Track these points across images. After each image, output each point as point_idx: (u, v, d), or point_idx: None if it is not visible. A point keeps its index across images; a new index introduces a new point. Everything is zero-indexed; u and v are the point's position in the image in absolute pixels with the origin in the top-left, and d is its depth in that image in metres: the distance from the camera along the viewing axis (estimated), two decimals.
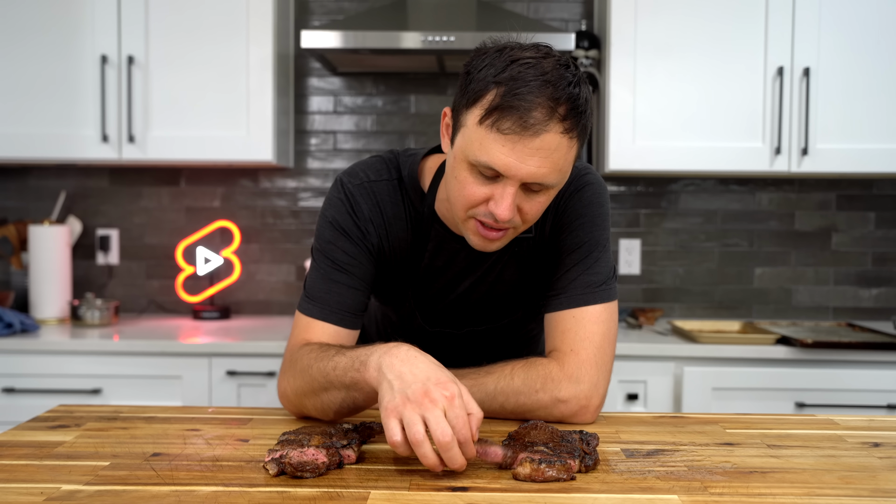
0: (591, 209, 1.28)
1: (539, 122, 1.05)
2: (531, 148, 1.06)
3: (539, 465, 0.92)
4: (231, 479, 0.93)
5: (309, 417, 1.21)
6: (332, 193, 1.30)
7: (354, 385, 1.07)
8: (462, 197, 1.13)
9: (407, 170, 1.30)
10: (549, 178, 1.09)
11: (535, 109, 1.05)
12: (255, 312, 2.98)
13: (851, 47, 2.55)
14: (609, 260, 1.28)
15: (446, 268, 1.31)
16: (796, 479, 0.95)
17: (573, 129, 1.08)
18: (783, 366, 2.35)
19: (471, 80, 1.10)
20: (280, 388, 1.23)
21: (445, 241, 1.29)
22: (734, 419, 1.24)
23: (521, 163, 1.06)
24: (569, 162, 1.11)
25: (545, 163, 1.07)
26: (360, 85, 2.97)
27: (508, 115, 1.05)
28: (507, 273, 1.32)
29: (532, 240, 1.31)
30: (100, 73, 2.59)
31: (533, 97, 1.05)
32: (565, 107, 1.06)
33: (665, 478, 0.95)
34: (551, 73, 1.07)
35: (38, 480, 0.92)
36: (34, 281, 2.71)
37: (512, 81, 1.06)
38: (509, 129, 1.05)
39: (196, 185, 2.97)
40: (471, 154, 1.09)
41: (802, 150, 2.56)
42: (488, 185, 1.10)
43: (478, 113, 1.08)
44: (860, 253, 2.94)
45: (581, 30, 2.86)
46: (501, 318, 1.37)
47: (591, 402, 1.20)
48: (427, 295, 1.33)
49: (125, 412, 1.24)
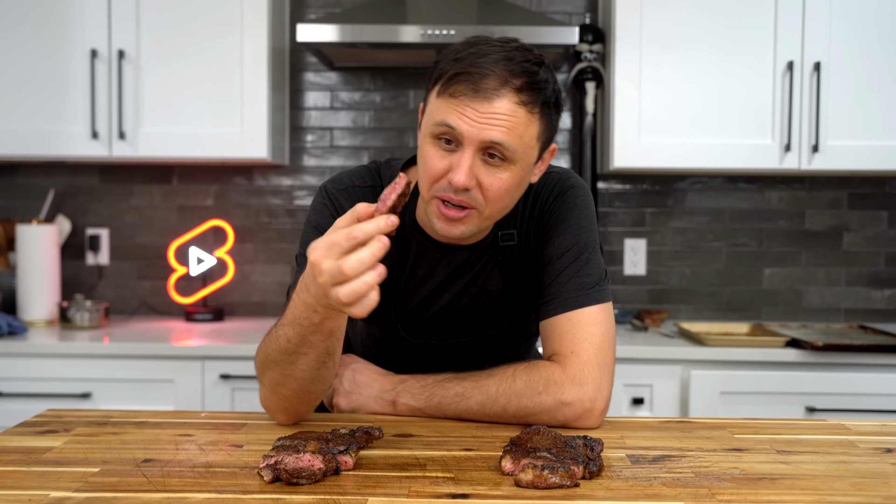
0: (576, 211, 1.30)
1: (491, 89, 1.11)
2: (483, 112, 1.12)
3: (542, 471, 0.92)
4: (225, 485, 0.93)
5: (301, 422, 1.21)
6: (317, 199, 1.33)
7: (307, 328, 1.06)
8: (425, 172, 1.18)
9: (387, 178, 1.33)
10: (506, 141, 1.12)
11: (488, 77, 1.12)
12: (250, 314, 2.98)
13: (863, 41, 2.55)
14: (600, 261, 1.29)
15: (427, 277, 1.32)
16: (807, 486, 0.95)
17: (531, 102, 1.14)
18: (793, 369, 2.35)
19: (435, 67, 1.18)
20: (262, 397, 1.22)
21: (427, 250, 1.31)
22: (743, 424, 1.24)
23: (474, 122, 1.12)
24: (531, 136, 1.15)
25: (499, 126, 1.12)
26: (358, 80, 2.97)
27: (462, 80, 1.12)
28: (491, 283, 1.33)
29: (515, 248, 1.32)
30: (89, 67, 2.59)
31: (487, 67, 1.12)
32: (521, 79, 1.13)
33: (671, 484, 0.95)
34: (511, 52, 1.14)
35: (25, 487, 0.92)
36: (22, 282, 2.71)
37: (470, 56, 1.13)
38: (461, 92, 1.12)
39: (189, 183, 2.97)
40: (430, 122, 1.15)
41: (813, 146, 2.56)
42: (448, 156, 1.15)
43: (437, 88, 1.16)
44: (872, 253, 2.94)
45: (585, 23, 2.86)
46: (487, 330, 1.37)
47: (596, 405, 1.20)
48: (409, 306, 1.34)
49: (115, 417, 1.24)
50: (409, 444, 1.10)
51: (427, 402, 1.24)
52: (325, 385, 1.17)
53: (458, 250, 1.31)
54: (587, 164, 2.82)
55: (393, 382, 1.28)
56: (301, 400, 1.17)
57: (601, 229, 2.94)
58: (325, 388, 1.17)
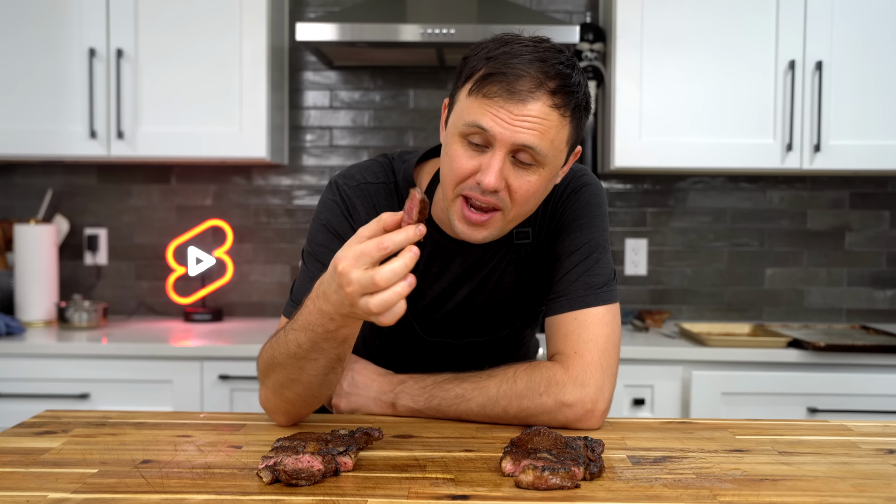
0: (590, 210, 1.29)
1: (526, 90, 1.09)
2: (517, 114, 1.09)
3: (542, 472, 0.92)
4: (223, 487, 0.93)
5: (300, 422, 1.21)
6: (327, 195, 1.31)
7: (321, 335, 1.06)
8: (451, 171, 1.15)
9: (402, 174, 1.31)
10: (538, 145, 1.11)
11: (523, 79, 1.09)
12: (249, 314, 2.98)
13: (866, 40, 2.55)
14: (609, 261, 1.29)
15: (441, 274, 1.31)
16: (808, 487, 0.95)
17: (564, 105, 1.12)
18: (795, 370, 2.35)
19: (465, 64, 1.15)
20: (262, 398, 1.21)
21: (441, 247, 1.29)
22: (744, 425, 1.24)
23: (508, 125, 1.10)
24: (561, 139, 1.14)
25: (532, 129, 1.10)
26: (357, 79, 2.97)
27: (496, 80, 1.10)
28: (506, 281, 1.33)
29: (530, 246, 1.31)
30: (88, 67, 2.59)
31: (522, 68, 1.09)
32: (555, 82, 1.10)
33: (673, 486, 0.95)
34: (544, 53, 1.11)
35: (23, 488, 0.92)
36: (20, 282, 2.71)
37: (503, 56, 1.11)
38: (496, 93, 1.10)
39: (187, 182, 2.97)
40: (460, 122, 1.13)
41: (815, 146, 2.56)
42: (477, 156, 1.13)
43: (468, 87, 1.13)
44: (875, 253, 2.94)
45: (586, 22, 2.86)
46: (502, 329, 1.37)
47: (597, 406, 1.20)
48: (424, 302, 1.33)
49: (114, 418, 1.24)
50: (408, 445, 1.10)
51: (427, 403, 1.24)
52: (331, 389, 1.17)
53: (473, 247, 1.29)
54: (588, 163, 2.82)
55: (392, 383, 1.28)
56: (305, 403, 1.17)
57: None
58: (330, 392, 1.17)
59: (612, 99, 2.64)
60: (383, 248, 0.94)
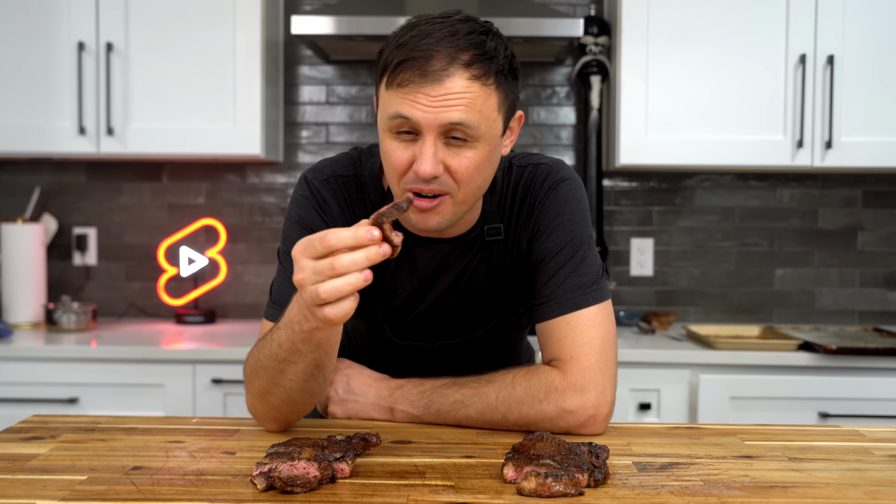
0: (569, 206, 1.29)
1: (439, 69, 1.10)
2: (435, 95, 1.10)
3: (545, 479, 0.92)
4: (217, 494, 0.93)
5: (295, 428, 1.21)
6: (298, 191, 1.32)
7: (297, 334, 1.07)
8: (391, 167, 1.17)
9: (368, 168, 1.32)
10: (466, 119, 1.11)
11: (434, 58, 1.10)
12: (242, 316, 2.98)
13: (879, 33, 2.56)
14: (596, 257, 1.28)
15: (412, 272, 1.32)
16: (819, 495, 0.95)
17: (484, 75, 1.12)
18: (805, 373, 2.35)
19: (380, 57, 1.17)
20: (249, 405, 1.22)
21: (409, 243, 1.30)
22: (753, 430, 1.24)
23: (429, 108, 1.10)
24: (490, 109, 1.14)
25: (456, 106, 1.11)
26: (355, 74, 2.97)
27: (408, 67, 1.11)
28: (478, 279, 1.33)
29: (502, 242, 1.31)
30: (76, 61, 2.59)
31: (432, 47, 1.10)
32: (468, 53, 1.11)
33: (680, 493, 0.95)
34: (454, 26, 1.12)
35: (10, 496, 0.92)
36: (6, 283, 2.71)
37: (412, 39, 1.12)
38: (409, 80, 1.11)
39: (179, 180, 2.97)
40: (385, 116, 1.14)
41: (826, 143, 2.56)
42: (411, 146, 1.14)
43: (385, 79, 1.14)
44: (888, 253, 2.94)
45: (590, 15, 2.86)
46: (475, 330, 1.37)
47: (600, 411, 1.20)
48: (396, 304, 1.34)
49: (103, 423, 1.24)
50: (407, 451, 1.10)
51: (426, 409, 1.24)
52: (315, 398, 1.17)
53: (441, 243, 1.30)
54: (592, 160, 2.82)
55: (389, 388, 1.28)
56: (290, 410, 1.18)
57: (606, 228, 2.94)
58: (314, 400, 1.18)
59: (617, 94, 2.64)
60: (326, 241, 0.96)
